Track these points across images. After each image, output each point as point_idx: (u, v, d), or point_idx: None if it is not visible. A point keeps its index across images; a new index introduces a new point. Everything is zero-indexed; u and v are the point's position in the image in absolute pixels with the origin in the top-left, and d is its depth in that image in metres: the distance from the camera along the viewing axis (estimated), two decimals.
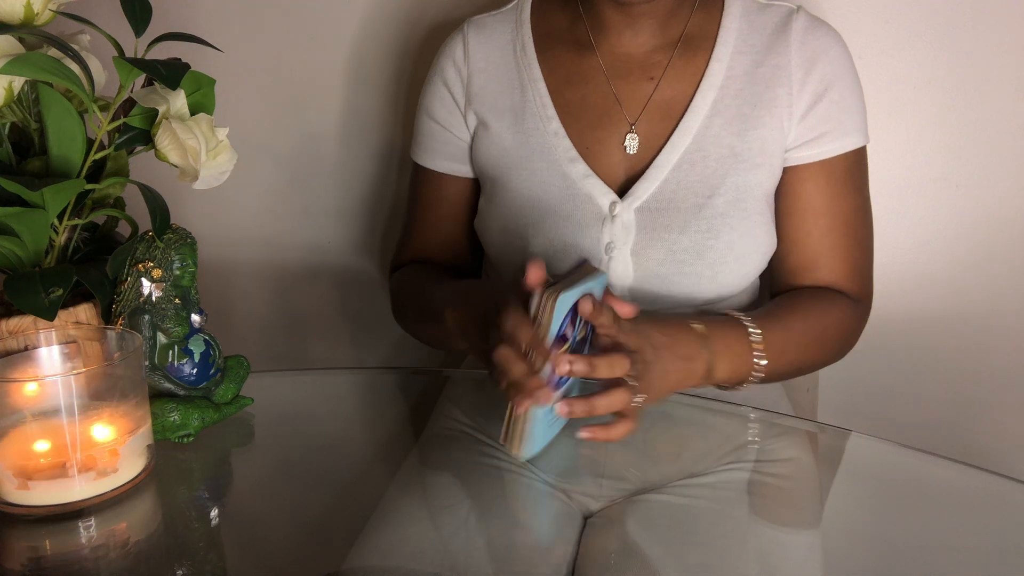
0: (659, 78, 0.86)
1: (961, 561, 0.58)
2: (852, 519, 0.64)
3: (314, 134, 1.24)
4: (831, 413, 1.12)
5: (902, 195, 1.10)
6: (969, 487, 0.68)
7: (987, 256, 1.10)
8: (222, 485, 0.68)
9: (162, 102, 0.66)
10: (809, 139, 0.84)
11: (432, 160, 0.97)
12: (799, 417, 0.86)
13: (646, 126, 0.85)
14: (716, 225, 0.82)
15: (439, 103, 0.94)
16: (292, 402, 0.83)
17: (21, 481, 0.58)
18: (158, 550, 0.58)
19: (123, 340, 0.64)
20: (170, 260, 0.68)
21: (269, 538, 0.60)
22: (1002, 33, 1.03)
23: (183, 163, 0.67)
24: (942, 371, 1.14)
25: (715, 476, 0.66)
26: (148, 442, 0.64)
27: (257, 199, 1.27)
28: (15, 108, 0.66)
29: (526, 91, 0.89)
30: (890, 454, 0.73)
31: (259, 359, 0.78)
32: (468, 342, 0.76)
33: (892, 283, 1.12)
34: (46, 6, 0.65)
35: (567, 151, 0.86)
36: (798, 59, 0.83)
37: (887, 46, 1.06)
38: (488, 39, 0.92)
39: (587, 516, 0.61)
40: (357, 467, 0.70)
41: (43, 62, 0.61)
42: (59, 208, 0.64)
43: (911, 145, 1.08)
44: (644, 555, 0.57)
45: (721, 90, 0.84)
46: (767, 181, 0.85)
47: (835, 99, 0.84)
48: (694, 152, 0.83)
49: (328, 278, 1.30)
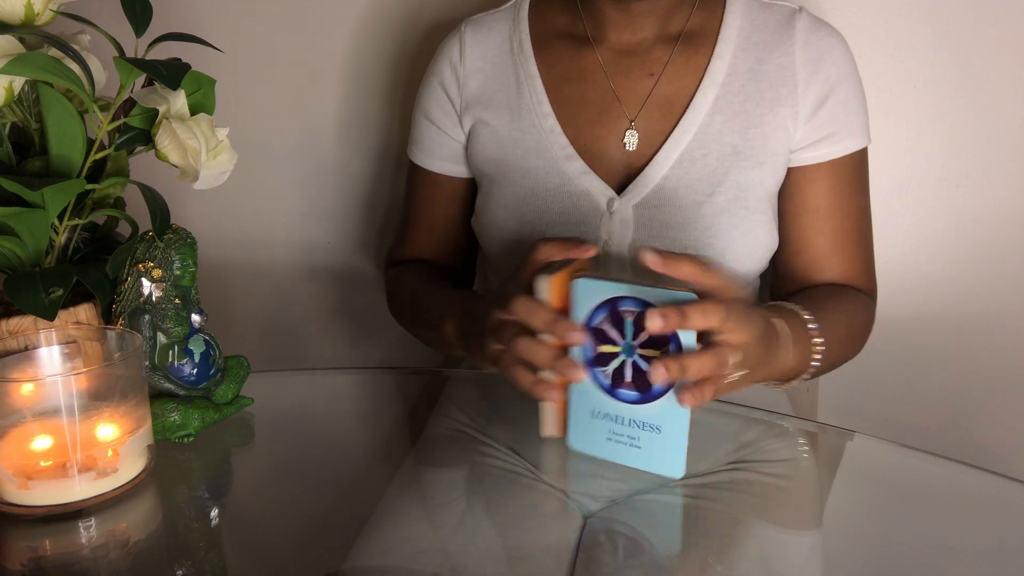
0: (659, 74, 0.85)
1: (961, 561, 0.58)
2: (852, 519, 0.64)
3: (314, 134, 1.24)
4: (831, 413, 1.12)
5: (902, 195, 1.10)
6: (969, 487, 0.68)
7: (987, 256, 1.10)
8: (222, 485, 0.68)
9: (162, 102, 0.66)
10: (817, 139, 0.84)
11: (428, 160, 0.97)
12: (799, 417, 0.86)
13: (646, 123, 0.85)
14: (716, 223, 0.82)
15: (435, 104, 0.94)
16: (292, 402, 0.83)
17: (21, 481, 0.58)
18: (158, 550, 0.58)
19: (123, 340, 0.64)
20: (170, 260, 0.68)
21: (269, 538, 0.60)
22: (1002, 33, 1.03)
23: (183, 163, 0.67)
24: (942, 371, 1.14)
25: (715, 476, 0.66)
26: (148, 442, 0.64)
27: (257, 199, 1.27)
28: (15, 108, 0.66)
29: (522, 88, 0.89)
30: (890, 454, 0.73)
31: (259, 359, 0.78)
32: (469, 351, 0.76)
33: (892, 283, 1.12)
34: (46, 6, 0.65)
35: (563, 148, 0.86)
36: (803, 58, 0.83)
37: (887, 46, 1.06)
38: (485, 38, 0.92)
39: (587, 516, 0.61)
40: (357, 467, 0.70)
41: (43, 62, 0.61)
42: (59, 208, 0.64)
43: (911, 145, 1.08)
44: (644, 555, 0.57)
45: (723, 87, 0.84)
46: (769, 180, 0.85)
47: (841, 99, 0.84)
48: (695, 149, 0.83)
49: (328, 278, 1.30)
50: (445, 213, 0.98)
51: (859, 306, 0.86)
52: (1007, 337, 1.12)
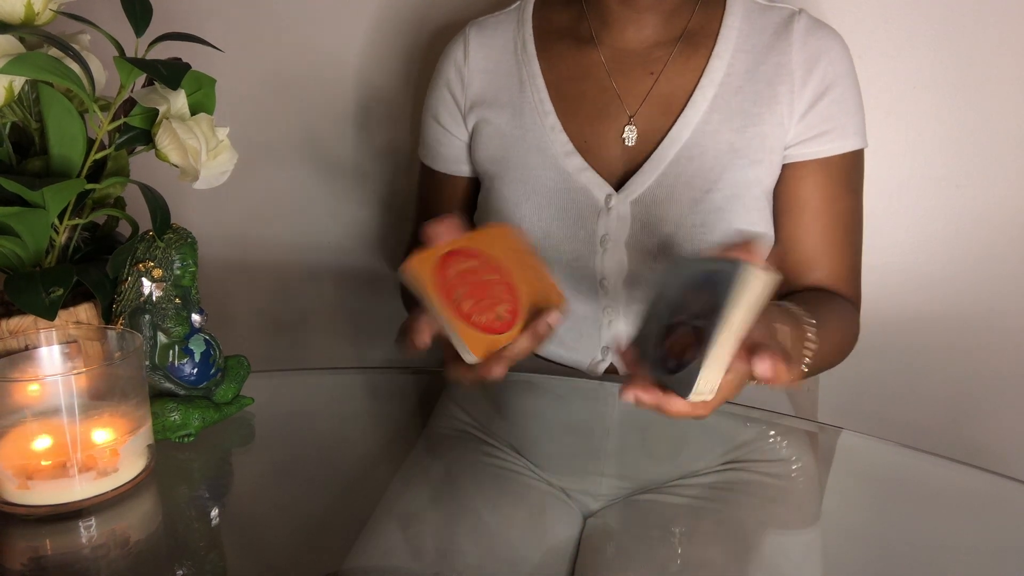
0: (659, 73, 0.86)
1: (961, 561, 0.58)
2: (852, 519, 0.64)
3: (314, 134, 1.24)
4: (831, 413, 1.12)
5: (902, 195, 1.10)
6: (969, 487, 0.68)
7: (987, 256, 1.09)
8: (222, 485, 0.68)
9: (162, 102, 0.66)
10: (809, 137, 0.84)
11: (437, 161, 0.98)
12: (799, 417, 0.86)
13: (645, 119, 0.86)
14: (712, 220, 0.82)
15: (442, 106, 0.96)
16: (292, 402, 0.83)
17: (21, 481, 0.58)
18: (158, 550, 0.58)
19: (123, 340, 0.64)
20: (170, 260, 0.68)
21: (269, 538, 0.60)
22: (1002, 33, 1.03)
23: (183, 163, 0.67)
24: (942, 371, 1.14)
25: (715, 476, 0.66)
26: (148, 442, 0.64)
27: (257, 199, 1.27)
28: (15, 108, 0.66)
29: (525, 87, 0.90)
30: (890, 454, 0.73)
31: (259, 359, 0.78)
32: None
33: (892, 283, 1.12)
34: (47, 6, 0.65)
35: (564, 145, 0.87)
36: (800, 58, 0.84)
37: (887, 47, 1.06)
38: (489, 38, 0.93)
39: (587, 516, 0.61)
40: (357, 467, 0.70)
41: (44, 62, 0.61)
42: (59, 208, 0.64)
43: (911, 145, 1.08)
44: (644, 555, 0.57)
45: (721, 86, 0.85)
46: (767, 178, 0.85)
47: (836, 98, 0.84)
48: (693, 147, 0.84)
49: (328, 278, 1.30)
50: (454, 212, 0.99)
51: (847, 314, 0.86)
52: (1007, 337, 1.11)
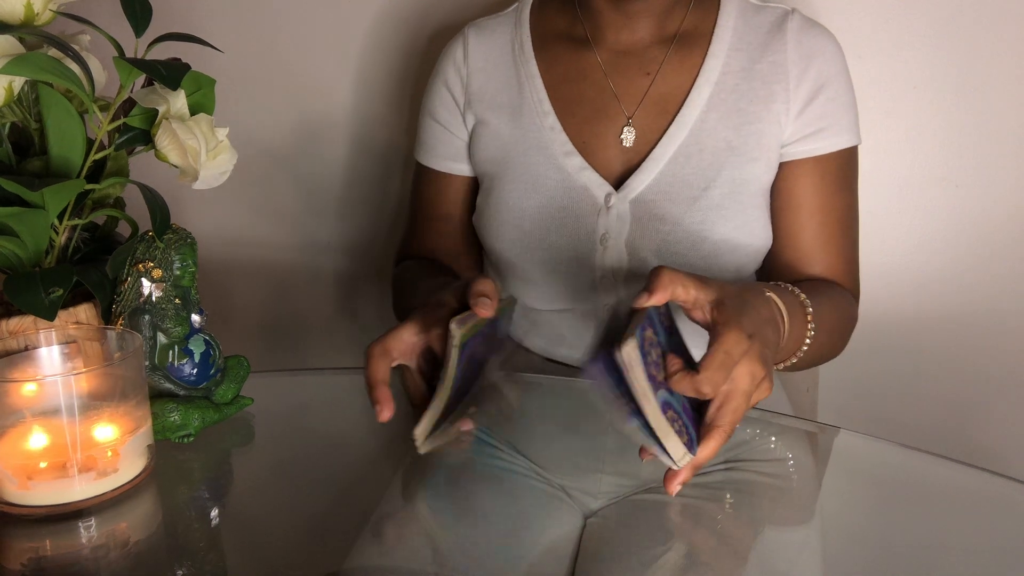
0: (655, 73, 0.87)
1: (960, 561, 0.58)
2: (852, 519, 0.64)
3: (314, 134, 1.24)
4: (831, 413, 1.12)
5: (902, 195, 1.10)
6: (968, 487, 0.68)
7: (987, 256, 1.10)
8: (222, 485, 0.68)
9: (162, 102, 0.66)
10: (805, 135, 0.85)
11: (434, 159, 0.98)
12: (798, 417, 0.87)
13: (643, 119, 0.86)
14: (711, 218, 0.83)
15: (440, 104, 0.96)
16: (292, 402, 0.83)
17: (21, 481, 0.58)
18: (158, 550, 0.58)
19: (123, 340, 0.64)
20: (170, 260, 0.68)
21: (269, 538, 0.60)
22: (1002, 33, 1.03)
23: (183, 163, 0.67)
24: (942, 371, 1.14)
25: (715, 476, 0.66)
26: (148, 442, 0.64)
27: (257, 199, 1.27)
28: (15, 108, 0.66)
29: (523, 88, 0.90)
30: (890, 454, 0.73)
31: (259, 359, 0.78)
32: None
33: (892, 283, 1.12)
34: (46, 6, 0.65)
35: (563, 145, 0.87)
36: (795, 56, 0.84)
37: (886, 46, 1.06)
38: (488, 40, 0.94)
39: (587, 516, 0.61)
40: (357, 467, 0.70)
41: (43, 62, 0.61)
42: (59, 208, 0.64)
43: (911, 145, 1.08)
44: (644, 555, 0.57)
45: (717, 85, 0.85)
46: (764, 175, 0.85)
47: (831, 96, 0.84)
48: (690, 145, 0.84)
49: (328, 278, 1.30)
50: (450, 211, 0.99)
51: (845, 301, 0.86)
52: (1007, 337, 1.12)
